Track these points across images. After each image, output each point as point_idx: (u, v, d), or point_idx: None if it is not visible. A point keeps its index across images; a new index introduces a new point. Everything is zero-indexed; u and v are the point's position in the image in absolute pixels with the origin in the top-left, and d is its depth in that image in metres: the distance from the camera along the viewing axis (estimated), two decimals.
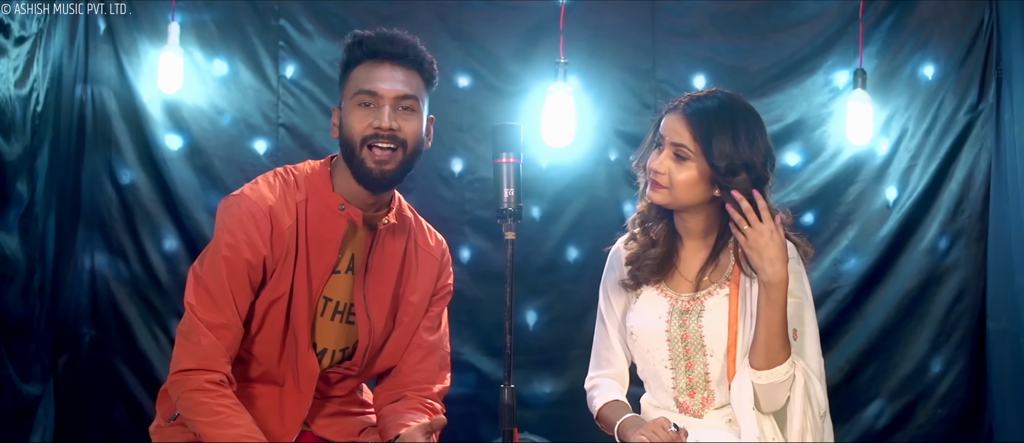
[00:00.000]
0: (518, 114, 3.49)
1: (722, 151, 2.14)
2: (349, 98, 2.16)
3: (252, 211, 2.13)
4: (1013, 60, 3.31)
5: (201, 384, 2.08)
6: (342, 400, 2.34)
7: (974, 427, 3.50)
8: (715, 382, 2.21)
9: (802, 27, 3.57)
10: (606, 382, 2.37)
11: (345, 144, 2.16)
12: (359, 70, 2.17)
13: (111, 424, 3.44)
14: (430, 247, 2.35)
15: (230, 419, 2.07)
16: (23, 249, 3.01)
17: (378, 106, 2.14)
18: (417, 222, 2.37)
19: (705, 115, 2.17)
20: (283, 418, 2.23)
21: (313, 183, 2.21)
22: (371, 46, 2.16)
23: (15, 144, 2.96)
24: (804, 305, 2.19)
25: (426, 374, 2.31)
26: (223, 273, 2.11)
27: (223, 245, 2.12)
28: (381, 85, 2.14)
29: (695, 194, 2.19)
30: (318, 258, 2.19)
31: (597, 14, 3.56)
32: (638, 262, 2.30)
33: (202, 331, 2.09)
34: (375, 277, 2.25)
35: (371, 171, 2.14)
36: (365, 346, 2.24)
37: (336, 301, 2.24)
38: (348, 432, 2.31)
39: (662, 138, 2.22)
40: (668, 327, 2.24)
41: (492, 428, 3.45)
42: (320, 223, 2.19)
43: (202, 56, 3.48)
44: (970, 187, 3.48)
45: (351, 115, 2.15)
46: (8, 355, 2.98)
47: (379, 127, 2.13)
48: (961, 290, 3.49)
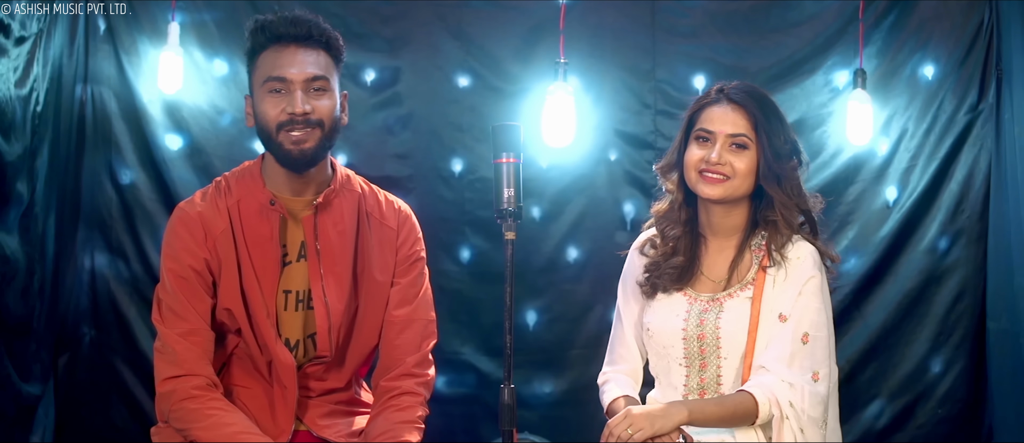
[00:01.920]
0: (518, 114, 3.49)
1: (778, 137, 2.19)
2: (259, 86, 2.17)
3: (183, 220, 2.22)
4: (1013, 60, 3.31)
5: (188, 392, 2.13)
6: (338, 399, 2.34)
7: (974, 427, 3.50)
8: (727, 385, 2.20)
9: (802, 27, 3.56)
10: (619, 377, 2.37)
11: (261, 132, 2.19)
12: (266, 56, 2.17)
13: (111, 424, 3.44)
14: (386, 218, 2.33)
15: (223, 419, 2.10)
16: (23, 249, 3.01)
17: (289, 91, 2.15)
18: (372, 194, 2.35)
19: (757, 102, 2.21)
20: (275, 417, 2.24)
21: (244, 183, 2.25)
22: (274, 30, 2.17)
23: (15, 144, 2.96)
24: (820, 310, 2.18)
25: (404, 349, 2.30)
26: (173, 285, 2.18)
27: (166, 259, 2.21)
28: (290, 70, 2.15)
29: (749, 184, 2.21)
30: (262, 255, 2.21)
31: (597, 14, 3.56)
32: (657, 270, 2.30)
33: (174, 340, 2.15)
34: (328, 259, 2.25)
35: (291, 153, 2.16)
36: (326, 329, 2.24)
37: (295, 290, 2.24)
38: (347, 432, 2.31)
39: (709, 132, 2.21)
40: (685, 325, 2.23)
41: (492, 428, 3.45)
42: (254, 221, 2.22)
43: (202, 56, 3.48)
44: (970, 187, 3.48)
45: (263, 103, 2.16)
46: (8, 355, 2.97)
47: (293, 113, 2.14)
48: (961, 290, 3.49)
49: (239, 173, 2.29)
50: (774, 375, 2.11)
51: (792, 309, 2.15)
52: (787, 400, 2.09)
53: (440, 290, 3.50)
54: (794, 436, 2.09)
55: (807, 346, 2.13)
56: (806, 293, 2.16)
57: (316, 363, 2.28)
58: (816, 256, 2.21)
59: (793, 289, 2.17)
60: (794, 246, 2.21)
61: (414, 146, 3.56)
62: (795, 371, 2.12)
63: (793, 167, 2.21)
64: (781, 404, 2.09)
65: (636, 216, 3.55)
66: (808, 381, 2.12)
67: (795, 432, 2.09)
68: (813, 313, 2.16)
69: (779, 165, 2.19)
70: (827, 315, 2.20)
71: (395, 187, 3.47)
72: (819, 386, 2.13)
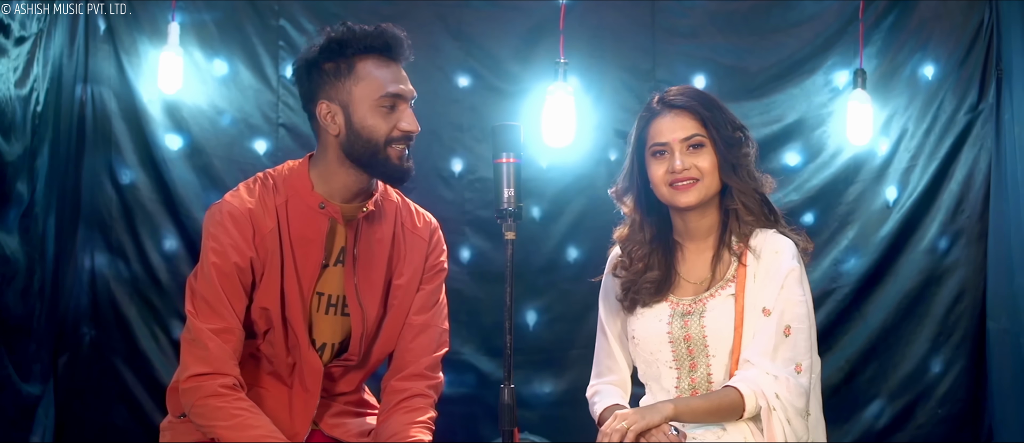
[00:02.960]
0: (518, 114, 3.49)
1: (726, 128, 2.21)
2: (368, 98, 2.16)
3: (233, 216, 2.18)
4: (1013, 60, 3.31)
5: (215, 389, 2.11)
6: (347, 400, 2.35)
7: (974, 427, 3.50)
8: (718, 383, 2.21)
9: (802, 27, 3.57)
10: (607, 388, 2.38)
11: (365, 143, 2.17)
12: (370, 67, 2.18)
13: (111, 424, 3.44)
14: (418, 229, 2.35)
15: (249, 421, 2.10)
16: (23, 249, 3.01)
17: (398, 107, 2.18)
18: (405, 205, 2.37)
19: (699, 101, 2.24)
20: (293, 418, 2.25)
21: (292, 184, 2.24)
22: (383, 42, 2.21)
23: (15, 144, 2.96)
24: (801, 302, 2.19)
25: (418, 352, 2.31)
26: (215, 279, 2.15)
27: (210, 252, 2.16)
28: (403, 87, 2.19)
29: (717, 180, 2.23)
30: (305, 257, 2.21)
31: (597, 14, 3.56)
32: (635, 287, 2.30)
33: (207, 336, 2.12)
34: (364, 266, 2.26)
35: (398, 168, 2.19)
36: (359, 334, 2.26)
37: (329, 294, 2.25)
38: (357, 432, 2.32)
39: (663, 144, 2.23)
40: (669, 328, 2.24)
41: (492, 428, 3.45)
42: (302, 223, 2.21)
43: (202, 56, 3.48)
44: (970, 187, 3.48)
45: (374, 115, 2.17)
46: (8, 355, 2.97)
47: (408, 131, 2.18)
48: (961, 290, 3.49)
49: (285, 173, 2.27)
50: (758, 368, 2.13)
51: (775, 302, 2.17)
52: (773, 392, 2.11)
53: None
54: (782, 426, 2.11)
55: (789, 339, 2.15)
56: (788, 286, 2.18)
57: (338, 365, 2.29)
58: (794, 248, 2.22)
59: (775, 282, 2.18)
60: (771, 240, 2.23)
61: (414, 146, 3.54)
62: (779, 364, 2.14)
63: (745, 154, 2.23)
64: (767, 396, 2.11)
65: None
66: (791, 373, 2.14)
67: (783, 423, 2.11)
68: (795, 306, 2.17)
69: (733, 154, 2.21)
70: (808, 306, 2.22)
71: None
72: (801, 377, 2.15)
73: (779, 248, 2.21)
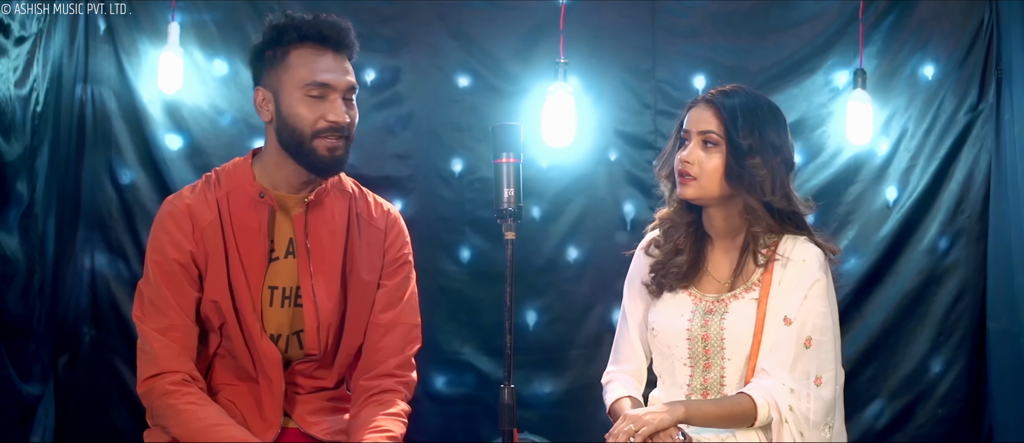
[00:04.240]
0: (518, 114, 3.49)
1: (745, 134, 2.16)
2: (295, 86, 2.15)
3: (172, 214, 2.21)
4: (1013, 60, 3.31)
5: (165, 388, 2.12)
6: (327, 396, 2.34)
7: (974, 427, 3.50)
8: (731, 386, 2.20)
9: (802, 27, 3.56)
10: (623, 377, 2.37)
11: (289, 131, 2.16)
12: (301, 55, 2.16)
13: (111, 424, 3.44)
14: (374, 219, 2.33)
15: (196, 413, 2.10)
16: (23, 249, 3.01)
17: (330, 99, 2.15)
18: (362, 195, 2.35)
19: (731, 101, 2.20)
20: (263, 412, 2.24)
21: (234, 177, 2.25)
22: (314, 31, 2.16)
23: (15, 144, 2.96)
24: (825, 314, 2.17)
25: (386, 352, 2.29)
26: (156, 278, 2.17)
27: (151, 251, 2.20)
28: (334, 77, 2.15)
29: (720, 183, 2.19)
30: (249, 247, 2.21)
31: (597, 14, 3.56)
32: (663, 270, 2.30)
33: (153, 337, 2.14)
34: (318, 257, 2.25)
35: (324, 159, 2.16)
36: (314, 327, 2.24)
37: (282, 287, 2.24)
38: (335, 429, 2.31)
39: (688, 132, 2.23)
40: (690, 325, 2.23)
41: (492, 428, 3.45)
42: (243, 214, 2.22)
43: (202, 56, 3.48)
44: (970, 187, 3.48)
45: (300, 105, 2.15)
46: (8, 355, 2.97)
47: (335, 122, 2.15)
48: (961, 290, 3.49)
49: (229, 167, 2.29)
50: (775, 379, 2.11)
51: (797, 312, 2.15)
52: (787, 404, 2.09)
53: (440, 290, 3.52)
54: (793, 439, 2.09)
55: (810, 350, 2.13)
56: (812, 296, 2.16)
57: (306, 361, 2.28)
58: (822, 258, 2.20)
59: (799, 292, 2.16)
60: (799, 248, 2.21)
61: (414, 146, 3.56)
62: (797, 376, 2.12)
63: (758, 165, 2.17)
64: (781, 408, 2.09)
65: (636, 216, 3.55)
66: (810, 385, 2.12)
67: (794, 435, 2.09)
68: (818, 317, 2.15)
69: (740, 162, 2.16)
70: (833, 319, 2.20)
71: (395, 187, 3.49)
72: (823, 390, 2.13)
73: (807, 257, 2.20)
